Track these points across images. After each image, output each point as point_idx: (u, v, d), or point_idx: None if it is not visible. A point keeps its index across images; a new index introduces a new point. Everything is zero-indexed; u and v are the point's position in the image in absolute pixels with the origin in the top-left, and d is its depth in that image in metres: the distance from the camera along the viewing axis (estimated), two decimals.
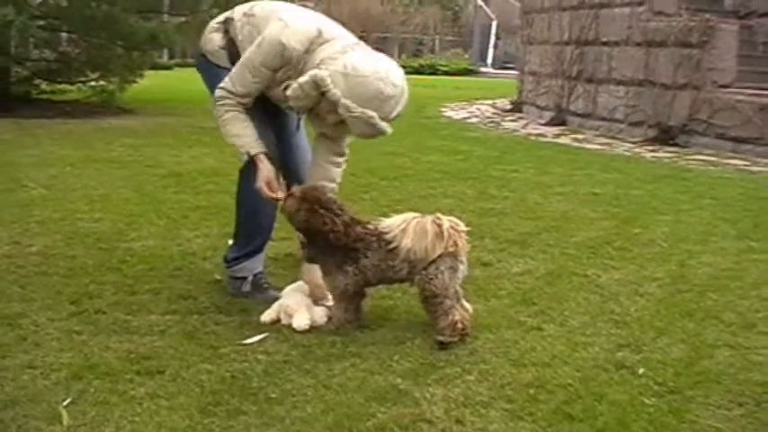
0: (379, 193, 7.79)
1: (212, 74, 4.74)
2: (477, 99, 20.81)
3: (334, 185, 4.72)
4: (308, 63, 4.30)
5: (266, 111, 4.67)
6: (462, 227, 4.20)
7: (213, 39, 4.77)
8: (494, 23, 38.20)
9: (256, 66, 4.42)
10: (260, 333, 4.17)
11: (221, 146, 9.53)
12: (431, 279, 4.13)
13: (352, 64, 4.16)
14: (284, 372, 3.73)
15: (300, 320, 4.27)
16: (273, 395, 3.48)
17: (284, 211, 4.40)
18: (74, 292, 4.75)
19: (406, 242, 4.11)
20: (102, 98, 15.14)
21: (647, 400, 3.54)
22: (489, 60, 37.62)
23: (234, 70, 4.52)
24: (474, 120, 16.17)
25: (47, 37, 15.25)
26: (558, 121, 15.08)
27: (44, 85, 15.48)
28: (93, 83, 15.34)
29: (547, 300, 4.88)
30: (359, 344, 4.06)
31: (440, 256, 4.12)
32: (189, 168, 9.00)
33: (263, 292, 4.74)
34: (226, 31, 4.74)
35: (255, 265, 4.85)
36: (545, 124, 15.16)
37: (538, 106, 16.34)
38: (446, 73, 33.41)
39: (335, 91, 4.12)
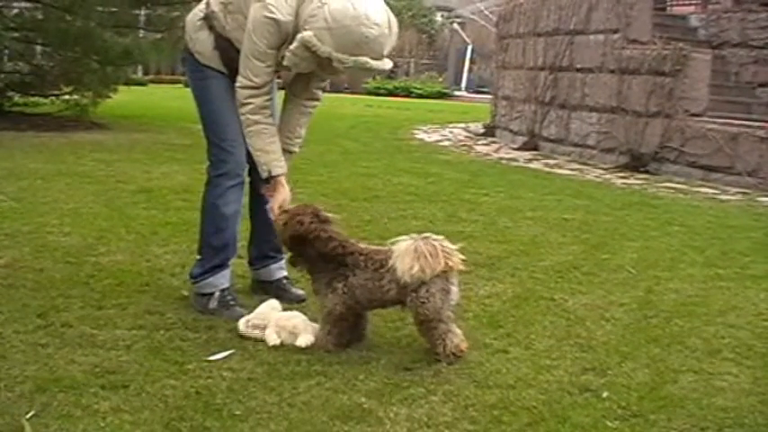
0: (350, 213, 7.79)
1: (202, 75, 4.74)
2: (450, 122, 20.88)
3: (301, 136, 4.85)
4: (298, 26, 4.31)
5: (232, 99, 4.67)
6: (453, 247, 4.18)
7: (201, 38, 4.74)
8: (469, 48, 38.39)
9: (263, 51, 4.43)
10: (226, 350, 4.16)
11: (192, 162, 9.57)
12: (423, 302, 4.10)
13: (332, 16, 4.14)
14: (249, 389, 3.72)
15: (306, 340, 4.28)
16: (238, 412, 3.48)
17: (279, 221, 4.41)
18: (41, 305, 4.73)
19: (396, 262, 4.08)
20: (75, 112, 15.08)
21: (610, 424, 3.56)
22: (464, 84, 37.78)
23: (243, 64, 4.51)
24: (446, 143, 16.21)
25: (21, 49, 15.24)
26: (530, 145, 15.14)
27: (17, 98, 15.42)
28: (66, 96, 15.29)
29: (513, 323, 4.90)
30: (324, 363, 4.06)
31: (431, 279, 4.08)
32: (159, 185, 8.97)
33: (230, 309, 4.72)
34: (210, 27, 4.71)
35: (221, 281, 4.83)
36: (517, 149, 15.22)
37: (511, 131, 16.40)
38: (420, 96, 33.54)
39: (324, 48, 4.14)
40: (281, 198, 4.53)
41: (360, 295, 4.23)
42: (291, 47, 4.25)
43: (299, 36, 4.21)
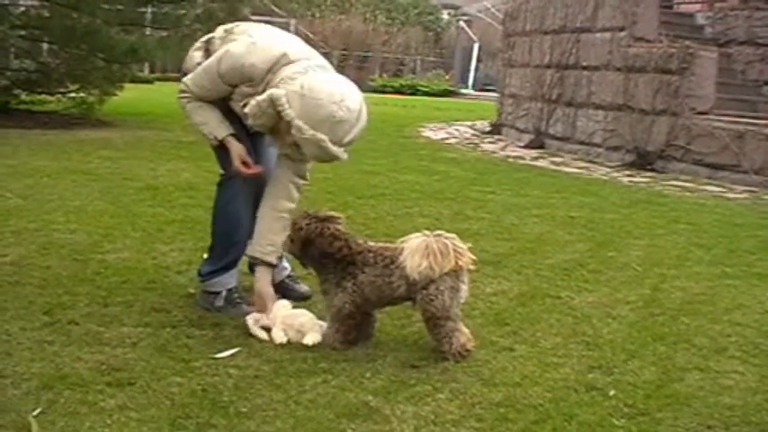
0: (355, 211, 7.79)
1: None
2: (456, 120, 20.86)
3: (292, 206, 4.74)
4: (271, 82, 4.34)
5: (242, 127, 4.70)
6: (464, 246, 4.18)
7: (194, 57, 4.78)
8: (475, 45, 38.30)
9: (213, 76, 4.50)
10: (232, 347, 4.16)
11: (198, 160, 9.57)
12: (431, 300, 4.11)
13: (309, 85, 4.18)
14: (255, 386, 3.72)
15: (313, 338, 4.28)
16: (244, 409, 3.48)
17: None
18: (47, 302, 4.73)
19: (406, 258, 4.08)
20: (81, 110, 15.04)
21: (616, 422, 3.56)
22: (470, 82, 37.71)
23: (197, 71, 4.60)
24: (453, 141, 16.20)
25: (27, 47, 15.20)
26: (536, 143, 15.13)
27: (23, 96, 15.37)
28: (72, 94, 15.23)
29: (519, 320, 4.90)
30: (330, 360, 4.06)
31: (441, 276, 4.09)
32: (165, 182, 8.97)
33: (236, 307, 4.73)
34: (206, 50, 4.75)
35: (229, 280, 4.83)
36: (524, 147, 15.21)
37: (517, 129, 16.39)
38: (426, 93, 33.46)
39: (289, 111, 4.15)
40: (238, 154, 4.62)
41: (369, 293, 4.23)
42: (259, 98, 4.28)
43: (269, 90, 4.24)
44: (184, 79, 4.64)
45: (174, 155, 11.17)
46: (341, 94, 4.17)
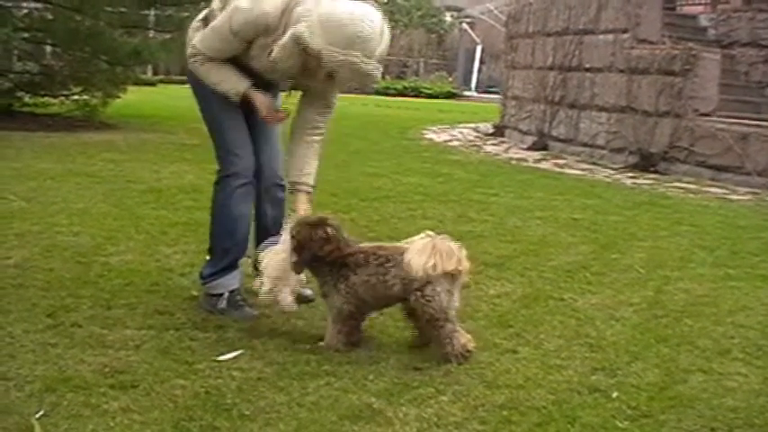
0: (359, 213, 7.80)
1: (202, 84, 4.74)
2: (459, 122, 20.86)
3: (321, 133, 4.82)
4: (288, 24, 4.30)
5: (242, 111, 4.73)
6: (461, 251, 4.19)
7: (194, 38, 4.69)
8: (478, 48, 38.35)
9: (226, 35, 4.47)
10: (235, 350, 4.16)
11: (201, 162, 9.57)
12: (428, 300, 4.11)
13: (327, 13, 4.18)
14: (258, 389, 3.72)
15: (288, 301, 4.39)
16: (247, 412, 3.48)
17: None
18: (50, 305, 4.73)
19: (412, 257, 4.09)
20: (84, 112, 15.08)
21: (619, 424, 3.56)
22: (473, 84, 37.75)
23: (204, 33, 4.57)
24: (456, 143, 16.20)
25: (30, 49, 15.24)
26: (539, 145, 15.12)
27: (27, 98, 15.40)
28: (75, 97, 15.27)
29: (522, 322, 4.89)
30: (333, 362, 4.06)
31: (437, 278, 4.09)
32: (169, 184, 8.98)
33: (239, 309, 4.73)
34: (207, 25, 4.68)
35: (231, 281, 4.83)
36: (527, 149, 15.20)
37: (520, 131, 16.38)
38: (430, 96, 33.53)
39: (316, 40, 4.14)
40: (265, 104, 4.64)
41: (363, 293, 4.24)
42: (281, 41, 4.26)
43: (290, 30, 4.22)
44: (193, 42, 4.59)
45: (177, 157, 11.19)
46: (361, 14, 4.17)
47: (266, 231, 4.94)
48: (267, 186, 4.95)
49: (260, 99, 4.61)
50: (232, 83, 4.59)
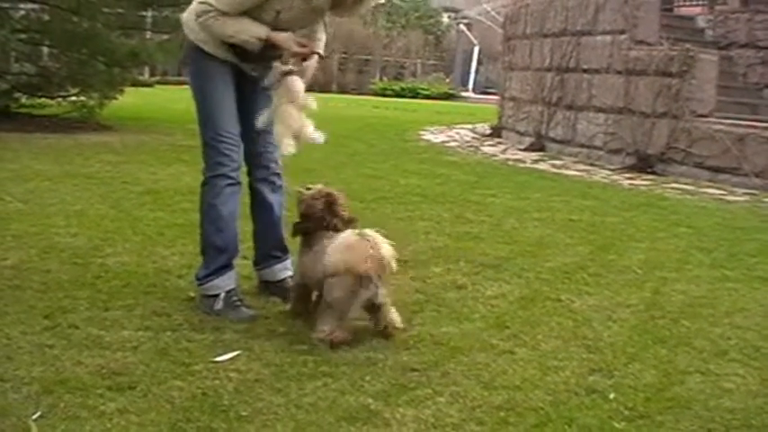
0: (357, 214, 7.78)
1: (205, 68, 4.74)
2: (457, 123, 20.85)
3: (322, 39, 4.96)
4: None
5: (234, 93, 4.77)
6: (389, 255, 4.30)
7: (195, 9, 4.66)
8: (476, 49, 38.35)
9: None
10: (232, 351, 4.16)
11: (199, 164, 9.51)
12: (329, 290, 4.31)
13: None
14: (255, 390, 3.72)
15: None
16: (244, 413, 3.48)
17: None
18: (47, 306, 4.73)
19: (333, 251, 4.31)
20: (81, 114, 15.05)
21: (617, 425, 3.56)
22: (470, 85, 37.75)
23: None
24: (453, 144, 16.19)
25: (28, 51, 15.20)
26: (537, 146, 15.12)
27: (24, 99, 15.39)
28: (73, 98, 15.25)
29: (520, 323, 4.89)
30: (331, 364, 4.06)
31: (345, 274, 4.23)
32: (166, 186, 8.98)
33: (236, 310, 4.73)
34: None
35: (227, 282, 4.83)
36: (524, 150, 15.20)
37: (517, 132, 16.38)
38: (427, 97, 33.52)
39: None
40: (290, 41, 4.63)
41: (303, 272, 4.63)
42: None
43: None
44: (202, 0, 4.52)
45: (174, 159, 11.17)
46: None
47: (266, 227, 4.98)
48: (265, 176, 4.99)
49: (282, 37, 4.59)
50: (252, 31, 4.55)
